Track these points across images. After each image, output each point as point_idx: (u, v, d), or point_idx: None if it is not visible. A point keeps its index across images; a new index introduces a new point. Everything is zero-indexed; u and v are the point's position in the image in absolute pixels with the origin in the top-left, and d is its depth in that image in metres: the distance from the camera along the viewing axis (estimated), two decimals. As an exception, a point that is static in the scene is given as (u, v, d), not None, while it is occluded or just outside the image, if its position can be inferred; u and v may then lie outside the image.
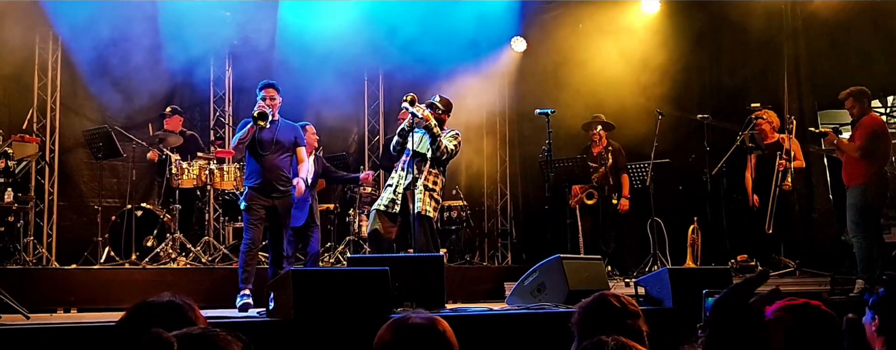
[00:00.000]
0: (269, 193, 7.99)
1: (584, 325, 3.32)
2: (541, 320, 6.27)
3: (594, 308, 3.39)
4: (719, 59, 11.85)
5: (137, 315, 2.67)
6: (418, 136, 8.26)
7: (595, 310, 3.38)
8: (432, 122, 8.19)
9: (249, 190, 7.98)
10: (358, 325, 5.48)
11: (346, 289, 5.73)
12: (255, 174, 8.01)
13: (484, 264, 12.61)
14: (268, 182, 7.99)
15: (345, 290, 5.70)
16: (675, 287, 6.76)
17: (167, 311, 2.68)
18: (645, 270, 9.77)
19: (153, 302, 2.73)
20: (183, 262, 9.77)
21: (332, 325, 5.49)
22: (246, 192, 8.01)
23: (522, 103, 12.69)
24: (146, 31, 11.29)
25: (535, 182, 12.27)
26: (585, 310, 3.40)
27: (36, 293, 8.13)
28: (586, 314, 3.37)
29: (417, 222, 8.08)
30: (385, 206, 8.22)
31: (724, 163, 9.95)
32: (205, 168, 10.34)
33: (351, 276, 5.96)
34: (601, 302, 3.41)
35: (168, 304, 2.70)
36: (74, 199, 11.40)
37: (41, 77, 11.17)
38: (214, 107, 12.34)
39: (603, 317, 3.32)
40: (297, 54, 11.29)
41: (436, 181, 8.27)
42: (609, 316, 3.32)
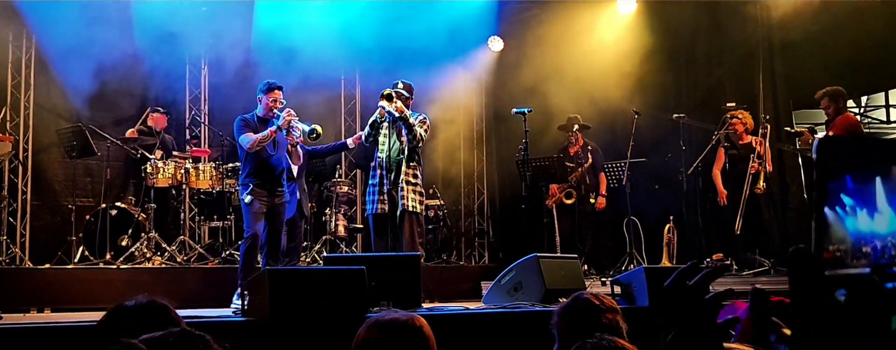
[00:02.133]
0: (273, 192, 8.02)
1: (564, 326, 3.32)
2: (517, 319, 6.27)
3: (573, 307, 3.39)
4: (695, 59, 11.91)
5: (115, 317, 2.64)
6: (390, 141, 8.28)
7: (574, 309, 3.38)
8: (407, 113, 8.22)
9: (254, 187, 7.93)
10: (334, 325, 5.46)
11: (323, 288, 5.70)
12: (261, 172, 8.00)
13: (461, 263, 12.62)
14: (274, 180, 8.02)
15: (321, 290, 5.68)
16: (651, 286, 6.77)
17: (145, 313, 2.65)
18: (621, 269, 9.81)
19: (131, 304, 2.70)
20: (158, 262, 9.72)
21: (308, 324, 5.46)
22: (250, 188, 7.93)
23: (499, 102, 12.71)
24: (121, 30, 11.21)
25: (511, 181, 12.28)
26: (564, 310, 3.40)
27: (9, 293, 8.09)
28: (566, 314, 3.38)
29: (404, 219, 8.10)
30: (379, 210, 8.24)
31: (700, 162, 10.00)
32: (180, 167, 10.29)
33: (327, 276, 5.93)
34: (579, 301, 3.42)
35: (147, 306, 2.67)
36: (48, 198, 11.31)
37: (14, 75, 11.07)
38: (190, 106, 12.27)
39: (582, 315, 3.32)
40: (273, 54, 11.24)
41: (416, 174, 8.30)
42: (588, 314, 3.32)
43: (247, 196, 7.91)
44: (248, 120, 8.09)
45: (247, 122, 8.07)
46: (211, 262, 10.04)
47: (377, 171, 8.36)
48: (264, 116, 8.11)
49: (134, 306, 2.70)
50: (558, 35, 12.04)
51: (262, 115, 8.12)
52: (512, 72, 12.40)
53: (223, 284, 8.86)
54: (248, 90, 11.83)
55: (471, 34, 12.35)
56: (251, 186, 7.94)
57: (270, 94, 8.09)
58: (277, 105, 8.06)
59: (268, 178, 8.01)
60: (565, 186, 10.75)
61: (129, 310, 2.67)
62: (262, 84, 8.24)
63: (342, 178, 11.80)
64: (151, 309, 2.67)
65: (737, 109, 9.91)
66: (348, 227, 11.19)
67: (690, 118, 10.46)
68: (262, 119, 8.11)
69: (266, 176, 8.00)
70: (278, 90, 8.13)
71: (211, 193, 10.59)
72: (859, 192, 1.77)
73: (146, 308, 2.69)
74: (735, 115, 9.80)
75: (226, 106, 12.26)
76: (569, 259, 8.05)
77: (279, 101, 8.09)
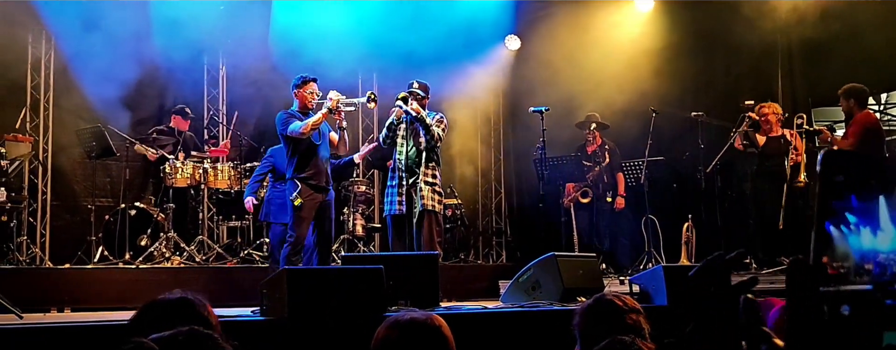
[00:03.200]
0: (322, 188, 7.92)
1: (586, 327, 3.31)
2: (535, 318, 6.26)
3: (595, 308, 3.38)
4: (713, 57, 11.85)
5: (149, 312, 2.66)
6: (408, 143, 8.27)
7: (596, 310, 3.37)
8: (423, 113, 8.21)
9: (302, 184, 7.79)
10: (352, 324, 5.47)
11: (341, 287, 5.71)
12: (309, 166, 7.86)
13: (478, 263, 12.61)
14: (322, 174, 7.92)
15: (339, 289, 5.68)
16: (669, 285, 6.75)
17: (178, 308, 2.67)
18: (639, 268, 9.77)
19: (164, 299, 2.72)
20: (177, 262, 9.76)
21: (326, 323, 5.47)
22: (299, 189, 7.77)
23: (516, 101, 12.69)
24: (140, 31, 11.26)
25: (529, 180, 12.26)
26: (587, 310, 3.39)
27: (29, 293, 8.11)
28: (588, 315, 3.36)
29: (423, 219, 8.09)
30: (398, 211, 8.23)
31: (719, 160, 9.95)
32: (199, 167, 10.33)
33: (345, 275, 5.94)
34: (602, 302, 3.41)
35: (180, 301, 2.68)
36: (68, 198, 11.36)
37: (34, 77, 11.13)
38: (208, 106, 12.31)
39: (605, 316, 3.31)
40: (291, 54, 11.25)
41: (434, 174, 8.30)
42: (611, 315, 3.32)
43: (297, 199, 7.74)
44: (291, 113, 7.95)
45: (291, 114, 7.93)
46: (229, 261, 10.07)
47: (395, 172, 8.36)
48: (302, 111, 7.98)
49: (164, 302, 2.72)
50: (576, 33, 12.00)
51: (300, 110, 8.00)
52: (529, 70, 12.38)
53: (242, 284, 8.90)
54: (266, 90, 11.91)
55: (487, 33, 12.34)
56: (300, 186, 7.79)
57: (305, 87, 8.00)
58: (314, 97, 7.97)
59: (317, 171, 7.86)
60: (581, 185, 10.73)
61: (161, 305, 2.69)
62: (295, 79, 8.12)
63: (359, 177, 11.81)
64: (180, 304, 2.69)
65: (759, 104, 9.84)
66: (366, 227, 11.20)
67: (709, 116, 10.40)
68: (301, 113, 7.98)
69: (315, 169, 7.85)
70: (313, 82, 8.05)
71: (229, 193, 10.62)
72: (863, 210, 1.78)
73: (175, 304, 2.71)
74: (765, 107, 9.71)
75: (244, 106, 12.30)
76: (587, 258, 8.04)
77: (315, 92, 8.00)
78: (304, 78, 8.08)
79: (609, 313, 3.36)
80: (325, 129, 8.10)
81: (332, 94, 7.88)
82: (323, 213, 7.93)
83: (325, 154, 8.02)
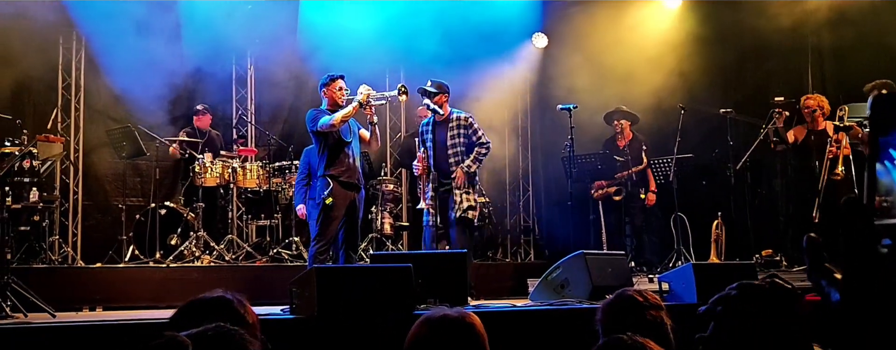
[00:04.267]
0: (353, 185, 7.91)
1: (607, 323, 3.31)
2: (565, 316, 6.25)
3: (617, 304, 3.38)
4: (742, 53, 11.78)
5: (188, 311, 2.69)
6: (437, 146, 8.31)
7: (617, 306, 3.37)
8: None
9: (335, 182, 7.76)
10: (382, 322, 5.48)
11: (370, 286, 5.72)
12: (340, 163, 7.84)
13: (506, 261, 12.59)
14: (353, 171, 7.91)
15: (368, 287, 5.70)
16: (699, 283, 6.72)
17: (216, 306, 2.69)
18: (668, 266, 9.72)
19: (203, 298, 2.75)
20: (207, 261, 9.81)
21: (355, 322, 5.49)
22: (331, 188, 7.75)
23: (544, 99, 12.66)
24: (169, 31, 11.34)
25: (557, 178, 12.22)
26: (608, 307, 3.39)
27: (62, 292, 8.19)
28: (609, 311, 3.37)
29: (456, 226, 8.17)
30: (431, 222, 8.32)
31: (748, 157, 9.88)
32: (228, 166, 10.38)
33: (374, 273, 5.96)
34: (623, 298, 3.41)
35: (218, 300, 2.71)
36: (99, 198, 11.46)
37: (65, 77, 11.23)
38: (237, 105, 12.37)
39: (625, 312, 3.31)
40: (319, 53, 11.29)
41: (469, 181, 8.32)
42: (631, 310, 3.31)
43: (328, 198, 7.69)
44: (321, 110, 7.94)
45: (321, 111, 7.91)
46: (258, 260, 10.11)
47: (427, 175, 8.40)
48: (332, 108, 7.95)
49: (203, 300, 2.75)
50: (603, 30, 11.95)
51: (329, 108, 7.97)
52: (557, 68, 12.35)
53: (271, 282, 8.93)
54: (294, 88, 11.96)
55: (515, 30, 12.32)
56: (331, 185, 7.76)
57: (333, 84, 7.99)
58: (343, 94, 7.95)
59: (348, 168, 7.85)
60: (612, 182, 10.66)
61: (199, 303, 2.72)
62: (322, 78, 8.12)
63: (387, 175, 11.83)
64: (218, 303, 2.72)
65: (786, 103, 9.76)
66: (394, 225, 11.21)
67: (738, 113, 10.33)
68: (331, 111, 7.94)
69: (346, 165, 7.84)
70: (340, 79, 8.04)
71: (258, 192, 10.68)
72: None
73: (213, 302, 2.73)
74: (810, 99, 9.62)
75: (272, 105, 12.36)
76: (616, 256, 8.02)
77: (344, 89, 7.98)
78: (332, 76, 8.08)
79: (630, 309, 3.36)
80: (355, 126, 8.10)
81: (362, 88, 7.89)
82: (352, 211, 7.93)
83: (356, 151, 8.00)
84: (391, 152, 13.04)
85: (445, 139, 8.39)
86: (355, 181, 7.94)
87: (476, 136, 8.36)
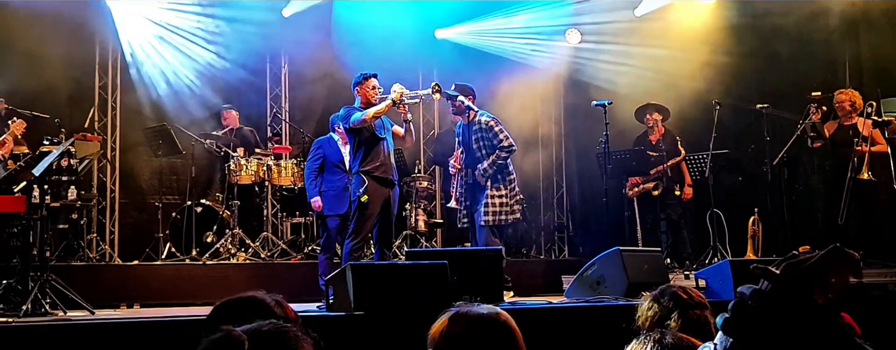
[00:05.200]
0: (388, 181, 7.90)
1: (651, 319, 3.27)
2: (601, 313, 6.23)
3: (661, 299, 3.34)
4: (778, 47, 11.65)
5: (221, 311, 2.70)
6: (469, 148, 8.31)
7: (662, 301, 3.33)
8: None
9: (370, 179, 7.74)
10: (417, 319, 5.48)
11: (406, 283, 5.74)
12: (375, 159, 7.81)
13: (540, 258, 12.56)
14: (388, 168, 7.90)
15: (404, 284, 5.71)
16: (736, 279, 6.67)
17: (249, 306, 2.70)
18: (704, 263, 9.66)
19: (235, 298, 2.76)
20: (242, 258, 9.87)
21: (391, 318, 5.50)
22: (366, 185, 7.72)
23: (578, 95, 12.60)
24: (204, 29, 11.43)
25: (590, 174, 12.16)
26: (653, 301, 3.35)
27: (99, 289, 8.23)
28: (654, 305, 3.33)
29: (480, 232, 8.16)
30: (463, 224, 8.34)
31: (785, 153, 9.79)
32: (262, 164, 10.43)
33: (410, 270, 5.97)
34: (667, 293, 3.36)
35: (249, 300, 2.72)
36: (135, 196, 11.55)
37: (102, 76, 11.32)
38: (271, 104, 12.43)
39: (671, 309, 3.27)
40: (352, 51, 11.32)
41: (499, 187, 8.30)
42: (676, 308, 3.27)
43: (364, 196, 7.67)
44: (353, 107, 7.93)
45: (353, 108, 7.90)
46: (293, 257, 10.16)
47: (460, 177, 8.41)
48: (365, 107, 7.91)
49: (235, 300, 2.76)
50: (637, 25, 11.89)
51: (362, 107, 7.94)
52: (590, 64, 12.30)
53: (306, 279, 8.96)
54: (327, 86, 12.00)
55: (548, 27, 12.28)
56: (367, 182, 7.74)
57: (366, 83, 7.98)
58: (376, 92, 7.94)
59: (382, 164, 7.83)
60: (648, 178, 10.57)
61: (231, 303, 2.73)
62: (355, 77, 8.10)
63: (421, 173, 11.84)
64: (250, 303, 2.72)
65: (823, 98, 9.65)
66: (428, 222, 11.22)
67: (774, 108, 10.23)
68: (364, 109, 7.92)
69: (380, 161, 7.82)
70: (373, 77, 8.02)
71: (293, 190, 10.72)
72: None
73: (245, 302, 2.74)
74: (842, 93, 9.52)
75: (306, 103, 12.41)
76: (652, 252, 7.98)
77: (377, 87, 7.97)
78: (365, 74, 8.07)
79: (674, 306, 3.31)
80: (388, 123, 8.11)
81: (395, 86, 7.88)
82: (387, 208, 7.92)
83: (390, 147, 8.00)
84: (425, 149, 13.05)
85: (471, 142, 8.39)
86: (390, 177, 7.94)
87: (497, 139, 8.30)
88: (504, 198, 8.28)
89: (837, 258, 1.41)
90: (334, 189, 8.85)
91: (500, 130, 8.32)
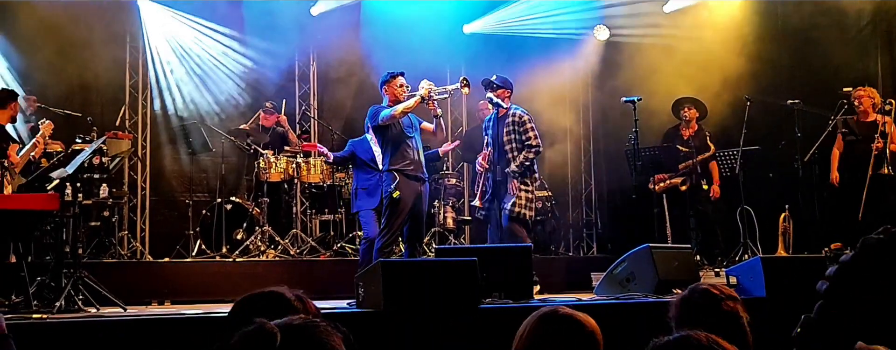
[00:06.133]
0: (418, 178, 7.92)
1: (682, 318, 3.25)
2: (631, 310, 6.22)
3: (691, 299, 3.32)
4: (809, 43, 11.55)
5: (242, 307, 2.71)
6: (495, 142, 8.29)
7: (692, 300, 3.31)
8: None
9: (400, 175, 7.76)
10: (447, 316, 5.49)
11: (435, 280, 5.74)
12: (404, 157, 7.85)
13: (569, 255, 12.53)
14: (418, 165, 7.93)
15: (434, 281, 5.72)
16: (768, 276, 6.63)
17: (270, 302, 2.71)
18: (735, 260, 9.59)
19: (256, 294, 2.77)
20: (272, 255, 9.90)
21: (421, 315, 5.51)
22: (397, 181, 7.74)
23: (606, 91, 12.54)
24: (232, 27, 11.48)
25: (619, 171, 12.09)
26: (682, 302, 3.33)
27: (131, 286, 8.29)
28: (684, 305, 3.31)
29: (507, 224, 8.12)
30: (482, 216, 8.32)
31: (816, 149, 9.71)
32: (292, 161, 10.47)
33: (439, 267, 5.97)
34: (697, 292, 3.35)
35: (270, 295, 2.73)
36: (166, 193, 11.63)
37: (132, 75, 11.40)
38: (299, 101, 12.46)
39: (700, 306, 3.25)
40: (380, 48, 11.33)
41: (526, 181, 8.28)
42: (707, 304, 3.25)
43: (396, 192, 7.68)
44: (382, 106, 7.97)
45: (381, 107, 7.94)
46: (323, 254, 10.19)
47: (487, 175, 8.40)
48: (393, 105, 7.94)
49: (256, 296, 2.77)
50: (666, 21, 11.83)
51: (390, 105, 7.97)
52: (619, 59, 12.24)
53: (336, 276, 8.99)
54: (356, 84, 12.01)
55: (577, 22, 12.24)
56: (398, 178, 7.76)
57: (393, 81, 8.01)
58: (404, 90, 7.97)
59: (411, 161, 7.86)
60: (676, 174, 10.50)
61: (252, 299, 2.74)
62: (383, 76, 8.14)
63: (450, 170, 11.84)
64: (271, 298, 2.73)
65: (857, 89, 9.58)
66: (457, 220, 11.22)
67: (805, 104, 10.14)
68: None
69: (410, 159, 7.86)
70: (400, 75, 8.06)
71: (321, 187, 10.75)
72: None
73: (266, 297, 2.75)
74: (861, 90, 9.45)
75: (335, 100, 12.44)
76: (682, 249, 7.94)
77: (405, 85, 8.00)
78: (392, 73, 8.10)
79: (705, 303, 3.29)
80: (416, 121, 8.12)
81: (423, 83, 7.90)
82: (418, 204, 7.93)
83: (418, 144, 8.02)
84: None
85: (501, 135, 8.36)
86: (420, 174, 7.96)
87: (526, 136, 8.27)
88: (530, 194, 8.27)
89: None
90: (366, 187, 8.92)
91: (531, 128, 8.30)
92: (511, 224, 8.09)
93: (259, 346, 1.83)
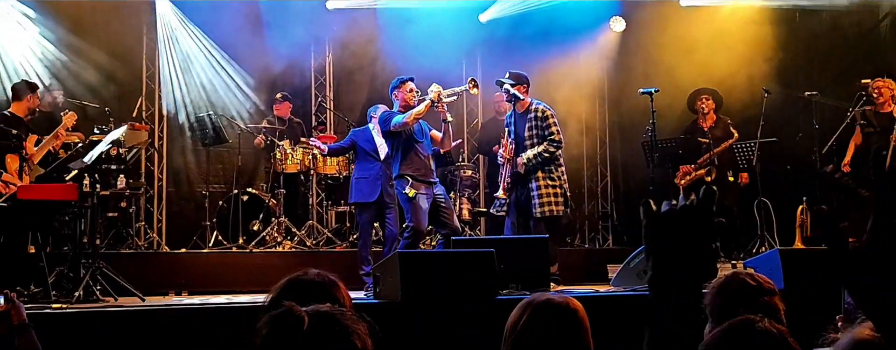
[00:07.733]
0: (430, 182, 8.03)
1: (720, 305, 3.21)
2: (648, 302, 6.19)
3: (730, 287, 3.28)
4: (828, 34, 11.49)
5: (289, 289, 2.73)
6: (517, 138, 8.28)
7: (730, 289, 3.27)
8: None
9: (413, 181, 7.89)
10: (464, 306, 5.49)
11: (452, 271, 5.75)
12: (414, 162, 7.98)
13: (585, 247, 12.51)
14: (428, 171, 8.06)
15: (451, 272, 5.73)
16: (786, 268, 6.61)
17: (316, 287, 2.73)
18: (752, 252, 9.56)
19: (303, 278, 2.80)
20: (288, 246, 9.93)
21: (438, 306, 5.51)
22: (410, 182, 7.87)
23: (623, 83, 12.50)
24: (248, 19, 11.48)
25: (635, 163, 12.05)
26: (720, 290, 3.29)
27: (149, 277, 8.34)
28: (721, 294, 3.27)
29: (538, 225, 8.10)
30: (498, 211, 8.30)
31: (834, 141, 9.66)
32: (308, 153, 10.48)
33: (457, 258, 5.98)
34: (736, 280, 3.31)
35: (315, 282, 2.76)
36: (183, 185, 11.67)
37: (149, 66, 11.43)
38: (316, 93, 12.47)
39: (739, 296, 3.22)
40: (396, 40, 11.32)
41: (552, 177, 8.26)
42: (745, 294, 3.22)
43: (409, 189, 7.78)
44: (393, 111, 8.09)
45: (392, 112, 8.07)
46: (339, 245, 10.20)
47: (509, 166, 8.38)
48: (403, 110, 8.03)
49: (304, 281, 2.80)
50: (682, 12, 11.78)
51: (401, 110, 8.06)
52: (636, 51, 12.19)
53: (352, 268, 9.01)
54: (371, 76, 12.02)
55: (593, 14, 12.19)
56: (411, 180, 7.88)
57: (403, 86, 8.08)
58: (414, 95, 8.04)
59: (422, 166, 7.97)
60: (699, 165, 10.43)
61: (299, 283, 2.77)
62: (393, 81, 8.23)
63: (465, 162, 11.83)
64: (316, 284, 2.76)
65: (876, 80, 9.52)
66: (473, 211, 11.21)
67: (823, 96, 10.09)
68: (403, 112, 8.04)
69: (420, 164, 7.97)
70: (410, 81, 8.15)
71: (338, 178, 10.76)
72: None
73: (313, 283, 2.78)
74: (879, 81, 9.40)
75: (350, 92, 12.44)
76: (699, 241, 7.89)
77: (415, 90, 8.07)
78: (402, 79, 8.20)
79: (742, 293, 3.26)
80: (426, 127, 8.19)
81: (432, 87, 7.95)
82: (438, 204, 8.03)
83: (428, 150, 8.15)
84: (469, 138, 13.02)
85: (523, 130, 8.35)
86: (431, 179, 8.09)
87: (549, 131, 8.27)
88: (557, 188, 8.25)
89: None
90: (366, 177, 8.91)
91: (554, 123, 8.30)
92: (538, 226, 8.07)
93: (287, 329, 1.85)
